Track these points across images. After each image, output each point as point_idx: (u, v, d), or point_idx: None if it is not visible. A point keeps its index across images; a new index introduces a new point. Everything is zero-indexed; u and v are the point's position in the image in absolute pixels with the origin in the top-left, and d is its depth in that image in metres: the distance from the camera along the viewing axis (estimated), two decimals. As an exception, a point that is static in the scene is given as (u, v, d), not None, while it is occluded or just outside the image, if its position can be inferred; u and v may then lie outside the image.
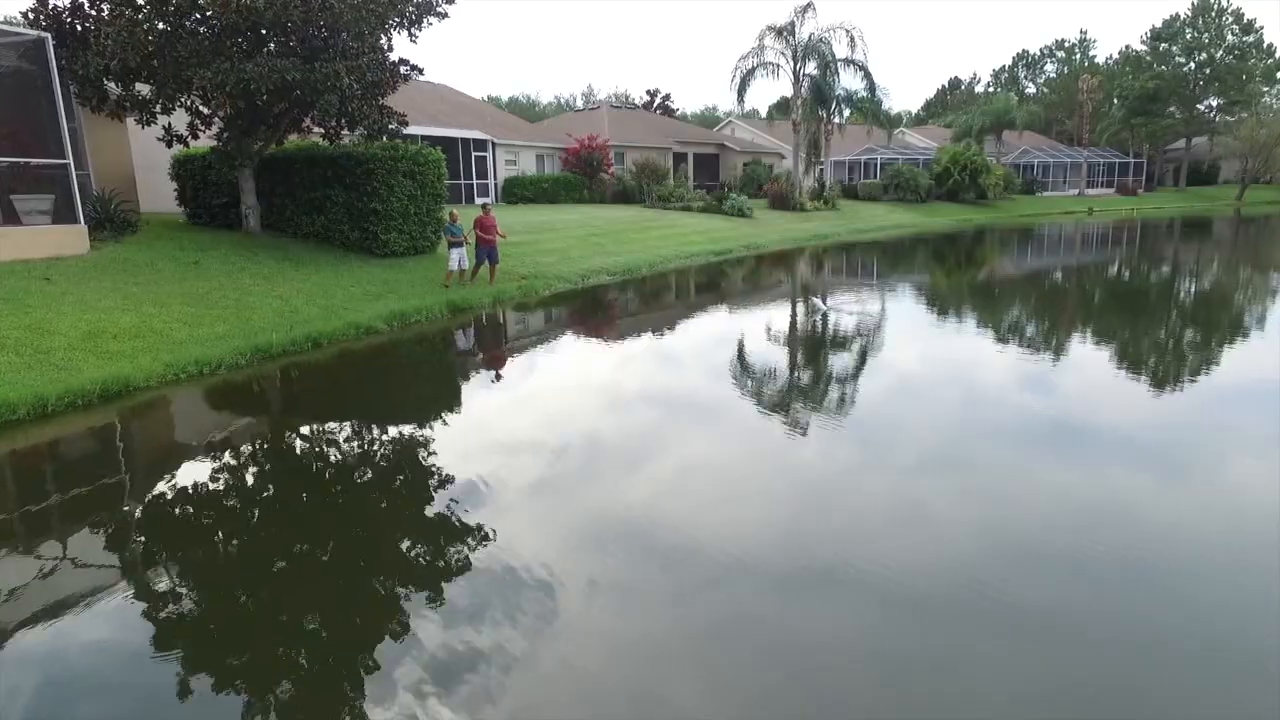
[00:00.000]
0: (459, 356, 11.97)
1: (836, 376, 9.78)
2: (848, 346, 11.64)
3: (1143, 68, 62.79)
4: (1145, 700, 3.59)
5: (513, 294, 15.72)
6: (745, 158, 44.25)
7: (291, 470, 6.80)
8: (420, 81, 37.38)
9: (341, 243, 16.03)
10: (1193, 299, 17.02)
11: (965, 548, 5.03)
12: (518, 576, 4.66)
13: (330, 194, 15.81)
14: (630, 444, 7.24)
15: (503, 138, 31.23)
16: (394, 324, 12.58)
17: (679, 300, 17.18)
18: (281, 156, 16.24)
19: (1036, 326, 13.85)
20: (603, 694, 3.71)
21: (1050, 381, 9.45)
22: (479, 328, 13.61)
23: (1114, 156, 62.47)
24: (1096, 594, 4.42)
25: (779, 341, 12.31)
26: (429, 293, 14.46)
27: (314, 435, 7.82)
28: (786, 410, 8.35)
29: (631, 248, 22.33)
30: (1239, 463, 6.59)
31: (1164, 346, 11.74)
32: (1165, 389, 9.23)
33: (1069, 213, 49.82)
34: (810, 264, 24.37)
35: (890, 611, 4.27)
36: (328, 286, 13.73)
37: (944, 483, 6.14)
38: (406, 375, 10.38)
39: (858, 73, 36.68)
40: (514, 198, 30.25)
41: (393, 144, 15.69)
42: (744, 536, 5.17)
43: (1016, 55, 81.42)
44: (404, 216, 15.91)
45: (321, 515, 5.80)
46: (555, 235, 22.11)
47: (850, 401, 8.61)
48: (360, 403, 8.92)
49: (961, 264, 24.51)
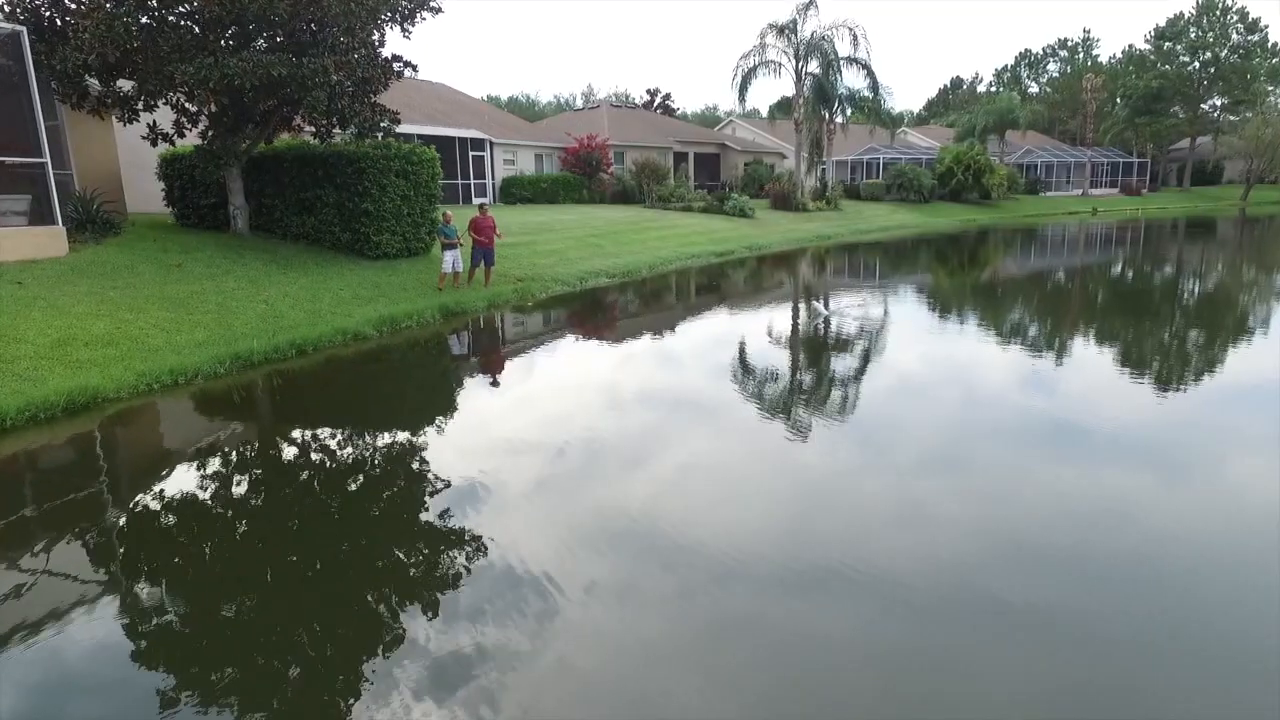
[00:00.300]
0: (449, 362, 11.49)
1: (840, 379, 9.34)
2: (852, 350, 11.17)
3: (1147, 67, 62.31)
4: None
5: (508, 297, 15.25)
6: (746, 157, 43.79)
7: (265, 487, 6.32)
8: (417, 80, 37.10)
9: (332, 244, 15.56)
10: (1203, 301, 16.55)
11: (980, 557, 4.94)
12: (511, 586, 4.51)
13: (321, 194, 15.34)
14: (625, 451, 6.85)
15: (501, 137, 30.77)
16: (383, 329, 12.10)
17: (679, 302, 16.71)
18: (271, 155, 15.78)
19: (1045, 330, 13.39)
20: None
21: (1058, 385, 9.07)
22: (472, 332, 13.12)
23: (1118, 156, 62.00)
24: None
25: (781, 344, 11.84)
26: (421, 296, 13.99)
27: (291, 449, 7.35)
28: (787, 415, 7.93)
29: (631, 249, 21.87)
30: (1245, 464, 6.55)
31: (1175, 350, 11.31)
32: (1177, 391, 9.00)
33: (1073, 213, 49.43)
34: (813, 265, 23.91)
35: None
36: (315, 290, 13.26)
37: (956, 488, 5.99)
38: (393, 383, 9.91)
39: (860, 71, 36.26)
40: (512, 198, 29.78)
41: (385, 142, 15.23)
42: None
43: (1019, 54, 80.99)
44: (396, 217, 15.44)
45: (296, 535, 5.33)
46: (553, 236, 21.65)
47: (855, 405, 8.25)
48: (342, 414, 8.46)
49: (967, 266, 24.04)
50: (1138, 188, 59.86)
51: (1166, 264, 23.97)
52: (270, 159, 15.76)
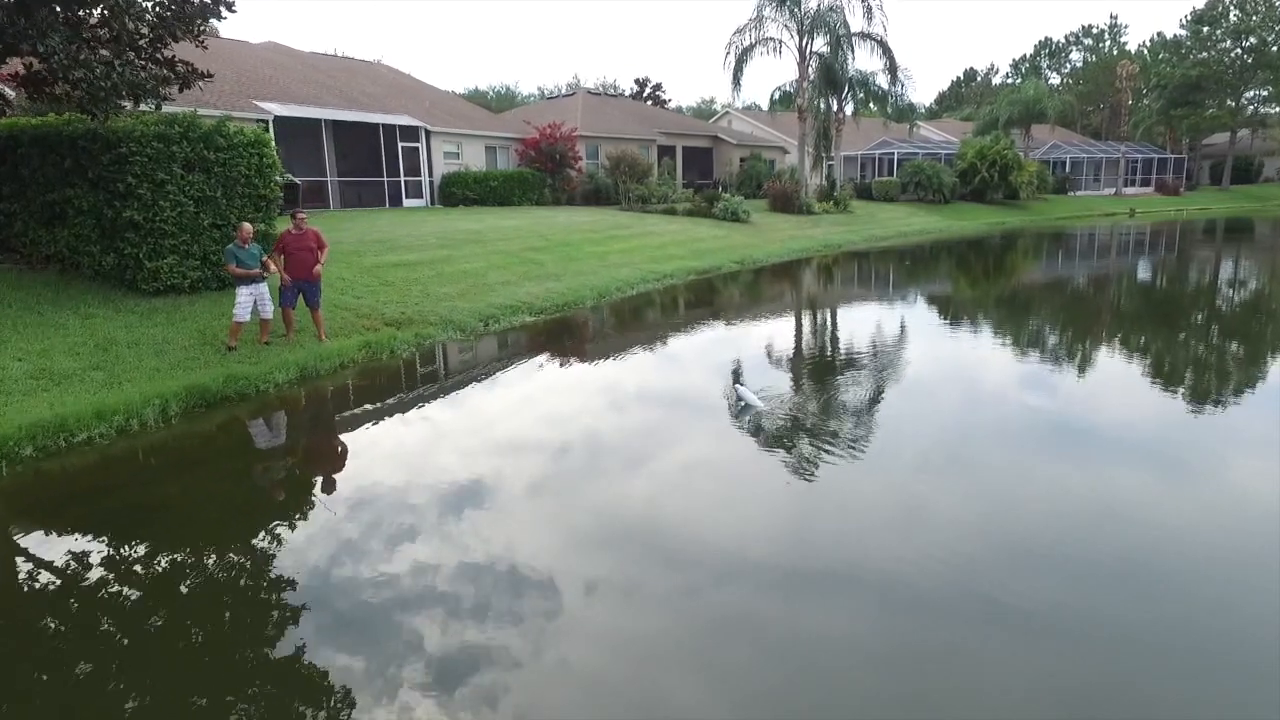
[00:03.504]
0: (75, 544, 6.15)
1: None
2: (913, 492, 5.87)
3: (1183, 54, 56.76)
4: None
5: (351, 359, 9.77)
6: (743, 152, 38.39)
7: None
8: (348, 59, 31.59)
9: (93, 272, 10.26)
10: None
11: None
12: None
13: (72, 196, 10.04)
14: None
15: (442, 125, 25.39)
16: (59, 438, 6.75)
17: (614, 358, 11.19)
18: (4, 137, 10.48)
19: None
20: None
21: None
22: (210, 449, 7.45)
23: (1151, 152, 56.50)
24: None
25: (774, 487, 6.49)
26: (193, 361, 8.66)
27: None
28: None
29: (581, 267, 16.54)
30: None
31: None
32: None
33: (1109, 215, 44.21)
34: (820, 283, 18.57)
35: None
36: (21, 351, 8.01)
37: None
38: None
39: (875, 49, 30.81)
40: (453, 199, 24.35)
41: (165, 116, 9.94)
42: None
43: (1039, 43, 75.28)
44: (189, 231, 10.10)
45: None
46: (478, 251, 16.35)
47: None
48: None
49: (1028, 291, 18.68)
50: (1174, 186, 54.29)
51: (1265, 280, 18.58)
52: (3, 142, 10.46)
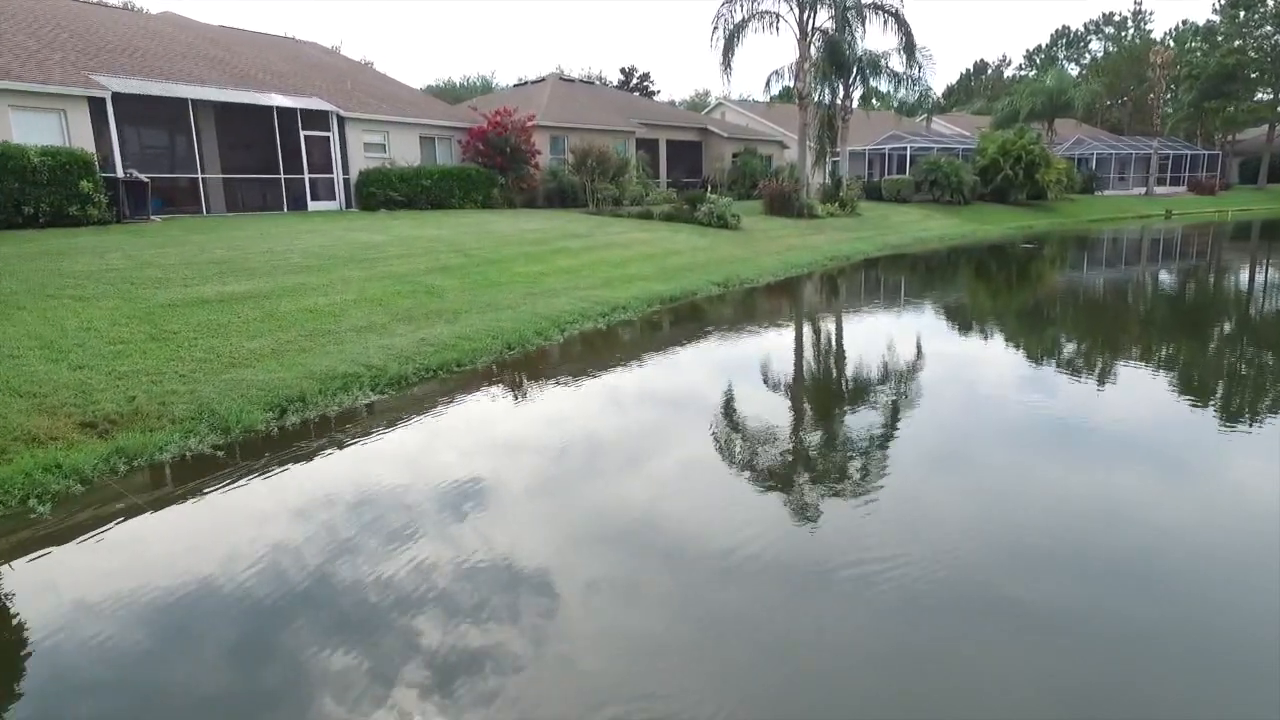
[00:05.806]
0: None
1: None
2: None
3: (1217, 42, 52.09)
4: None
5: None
6: (735, 146, 33.81)
7: None
8: (263, 34, 26.57)
9: None
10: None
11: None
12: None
13: None
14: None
15: (362, 110, 20.78)
16: None
17: (464, 495, 6.64)
18: None
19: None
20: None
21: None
22: None
23: (1183, 148, 51.88)
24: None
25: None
26: None
27: None
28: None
29: (498, 297, 11.93)
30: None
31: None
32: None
33: (1143, 217, 39.71)
34: (835, 317, 13.95)
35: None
36: None
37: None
38: None
39: (888, 23, 26.23)
40: (373, 200, 19.69)
41: None
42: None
43: (1055, 32, 70.62)
44: None
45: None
46: (355, 276, 11.76)
47: None
48: None
49: (1109, 319, 14.10)
50: (1210, 185, 49.63)
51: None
52: None
